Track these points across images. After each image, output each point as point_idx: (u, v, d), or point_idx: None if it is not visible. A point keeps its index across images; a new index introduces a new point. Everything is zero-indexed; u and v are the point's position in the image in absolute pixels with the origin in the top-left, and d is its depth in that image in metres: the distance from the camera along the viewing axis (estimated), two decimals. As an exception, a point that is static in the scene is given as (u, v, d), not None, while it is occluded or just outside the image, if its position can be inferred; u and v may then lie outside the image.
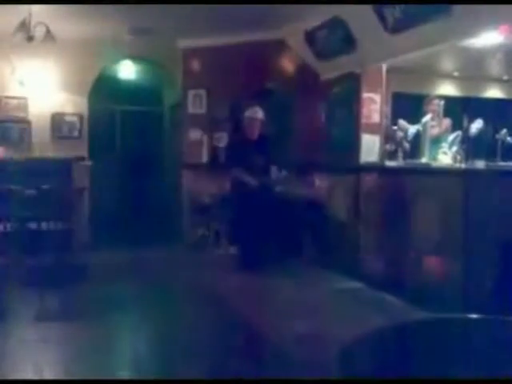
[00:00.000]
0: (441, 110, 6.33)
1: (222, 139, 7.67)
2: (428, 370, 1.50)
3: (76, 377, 3.28)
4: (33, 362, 3.54)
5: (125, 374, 3.45)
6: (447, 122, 6.42)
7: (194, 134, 7.76)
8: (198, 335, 4.14)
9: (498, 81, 9.10)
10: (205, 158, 7.67)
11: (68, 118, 7.73)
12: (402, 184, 5.26)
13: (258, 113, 6.34)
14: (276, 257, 6.08)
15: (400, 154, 6.07)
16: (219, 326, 4.44)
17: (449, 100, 6.85)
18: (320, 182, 6.82)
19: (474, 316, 1.74)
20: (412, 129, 6.48)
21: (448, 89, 8.99)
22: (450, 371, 1.48)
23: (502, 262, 4.22)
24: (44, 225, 6.72)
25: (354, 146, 6.21)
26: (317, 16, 6.07)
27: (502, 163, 5.42)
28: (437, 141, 6.20)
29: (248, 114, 6.36)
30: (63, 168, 7.13)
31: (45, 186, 6.49)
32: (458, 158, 5.83)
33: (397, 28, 5.21)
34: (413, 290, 4.78)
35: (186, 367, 3.45)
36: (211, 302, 5.09)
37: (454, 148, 6.12)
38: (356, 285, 5.57)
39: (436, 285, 4.59)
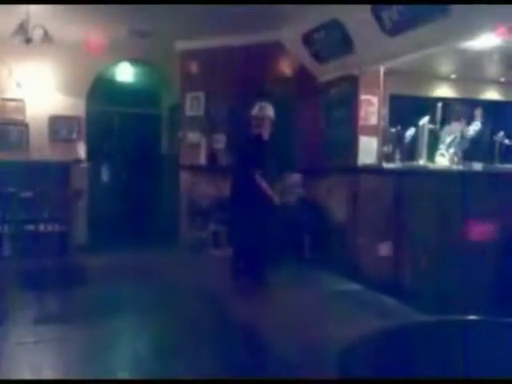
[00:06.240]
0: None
1: (220, 141, 7.67)
2: (426, 372, 1.50)
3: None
4: (32, 364, 3.53)
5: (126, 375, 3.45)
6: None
7: (192, 136, 7.76)
8: (196, 337, 4.14)
9: (495, 82, 9.12)
10: (203, 160, 7.67)
11: (66, 121, 7.71)
12: (400, 186, 5.26)
13: (264, 109, 5.71)
14: (275, 259, 6.06)
15: (397, 156, 6.08)
16: (217, 327, 4.43)
17: (446, 102, 6.86)
18: (318, 184, 6.82)
19: (473, 317, 1.74)
20: (409, 131, 6.49)
21: (445, 91, 9.00)
22: (447, 374, 1.48)
23: (500, 262, 4.22)
24: (41, 227, 6.70)
25: (352, 147, 6.21)
26: (314, 18, 6.08)
27: (499, 165, 5.43)
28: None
29: (255, 111, 5.74)
30: (61, 170, 7.12)
31: (43, 188, 6.48)
32: (456, 159, 5.84)
33: (394, 30, 5.22)
34: (412, 292, 4.79)
35: (184, 367, 3.45)
36: (208, 303, 5.09)
37: (452, 150, 6.13)
38: (354, 286, 5.58)
39: (435, 286, 4.59)
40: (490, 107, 8.61)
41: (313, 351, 3.76)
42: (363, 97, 6.20)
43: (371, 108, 6.21)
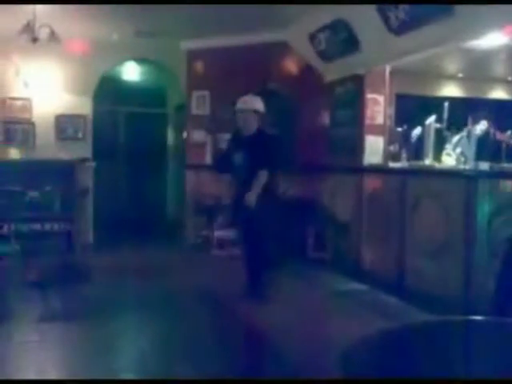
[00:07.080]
0: None
1: (226, 141, 7.65)
2: (428, 372, 1.49)
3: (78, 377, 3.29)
4: (35, 363, 3.55)
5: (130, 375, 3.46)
6: None
7: (198, 136, 7.76)
8: (200, 337, 4.14)
9: (502, 82, 9.08)
10: (208, 160, 7.67)
11: (72, 119, 7.73)
12: (406, 185, 5.24)
13: (248, 102, 5.15)
14: (278, 258, 6.03)
15: (404, 156, 6.05)
16: (220, 327, 4.44)
17: (453, 101, 6.82)
18: (323, 184, 6.80)
19: (476, 318, 1.73)
20: (416, 130, 6.46)
21: (452, 90, 8.97)
22: (450, 374, 1.47)
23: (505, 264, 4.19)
24: (47, 226, 6.72)
25: (358, 147, 6.19)
26: (320, 17, 6.06)
27: (506, 165, 5.40)
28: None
29: (238, 105, 5.18)
30: (67, 169, 7.14)
31: (48, 188, 6.50)
32: (462, 159, 5.82)
33: (400, 29, 5.20)
34: (415, 293, 4.78)
35: (188, 368, 3.46)
36: (212, 304, 5.10)
37: (458, 150, 6.10)
38: (358, 287, 5.57)
39: (438, 288, 4.58)
40: (498, 106, 8.59)
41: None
42: (369, 96, 6.18)
43: (377, 107, 6.19)
